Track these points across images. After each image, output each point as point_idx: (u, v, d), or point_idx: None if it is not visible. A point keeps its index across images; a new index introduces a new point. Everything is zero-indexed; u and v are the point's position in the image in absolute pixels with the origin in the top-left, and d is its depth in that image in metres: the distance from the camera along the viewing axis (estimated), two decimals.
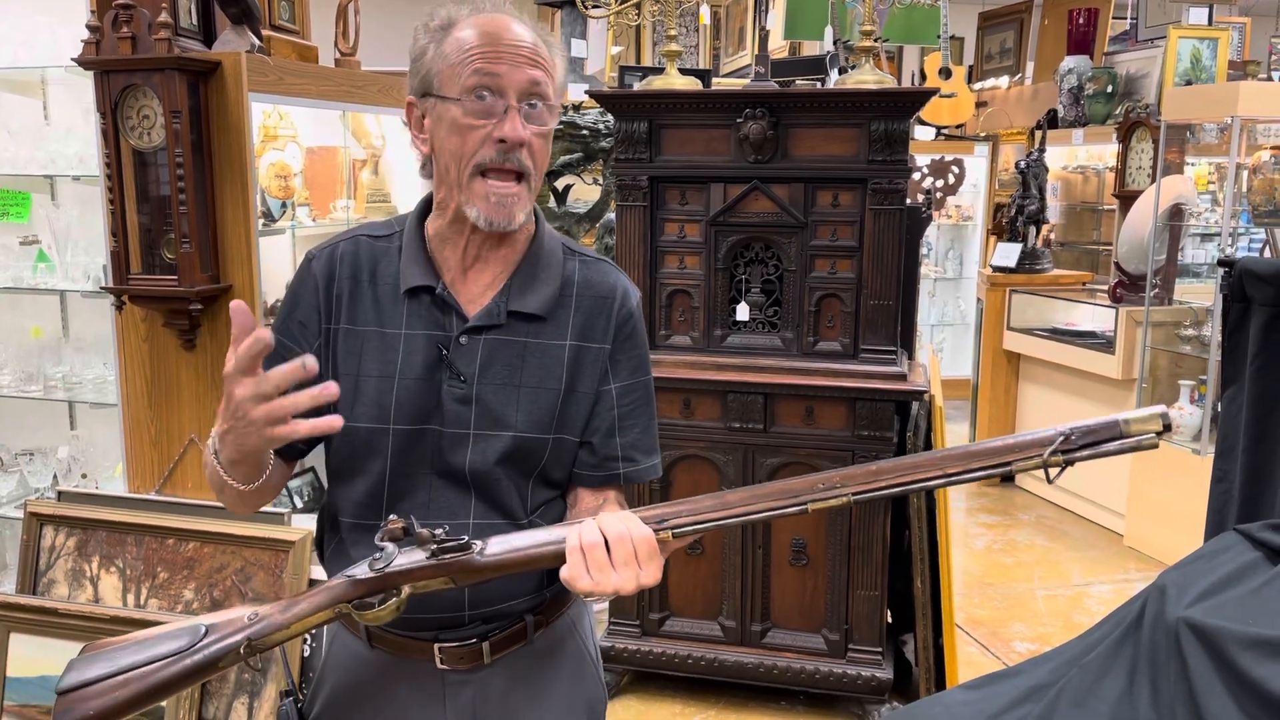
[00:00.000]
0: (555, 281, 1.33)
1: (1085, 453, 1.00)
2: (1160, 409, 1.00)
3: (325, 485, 1.41)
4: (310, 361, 1.09)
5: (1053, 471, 1.03)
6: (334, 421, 1.12)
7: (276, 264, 2.96)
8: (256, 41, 2.50)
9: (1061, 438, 1.00)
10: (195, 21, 2.56)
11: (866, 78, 2.84)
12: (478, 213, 1.24)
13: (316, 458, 3.42)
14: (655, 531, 1.13)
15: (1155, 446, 1.00)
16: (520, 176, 1.25)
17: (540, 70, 1.25)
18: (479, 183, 1.23)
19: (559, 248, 1.37)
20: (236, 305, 1.12)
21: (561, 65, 1.32)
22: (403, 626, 1.32)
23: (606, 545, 1.11)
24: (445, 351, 1.29)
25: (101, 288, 2.56)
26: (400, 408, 1.29)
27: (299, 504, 3.14)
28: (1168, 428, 0.99)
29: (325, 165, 3.03)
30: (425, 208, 1.36)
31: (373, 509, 1.32)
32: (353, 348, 1.31)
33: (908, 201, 2.87)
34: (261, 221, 2.64)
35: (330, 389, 1.12)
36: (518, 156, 1.23)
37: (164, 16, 2.30)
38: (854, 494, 1.08)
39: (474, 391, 1.29)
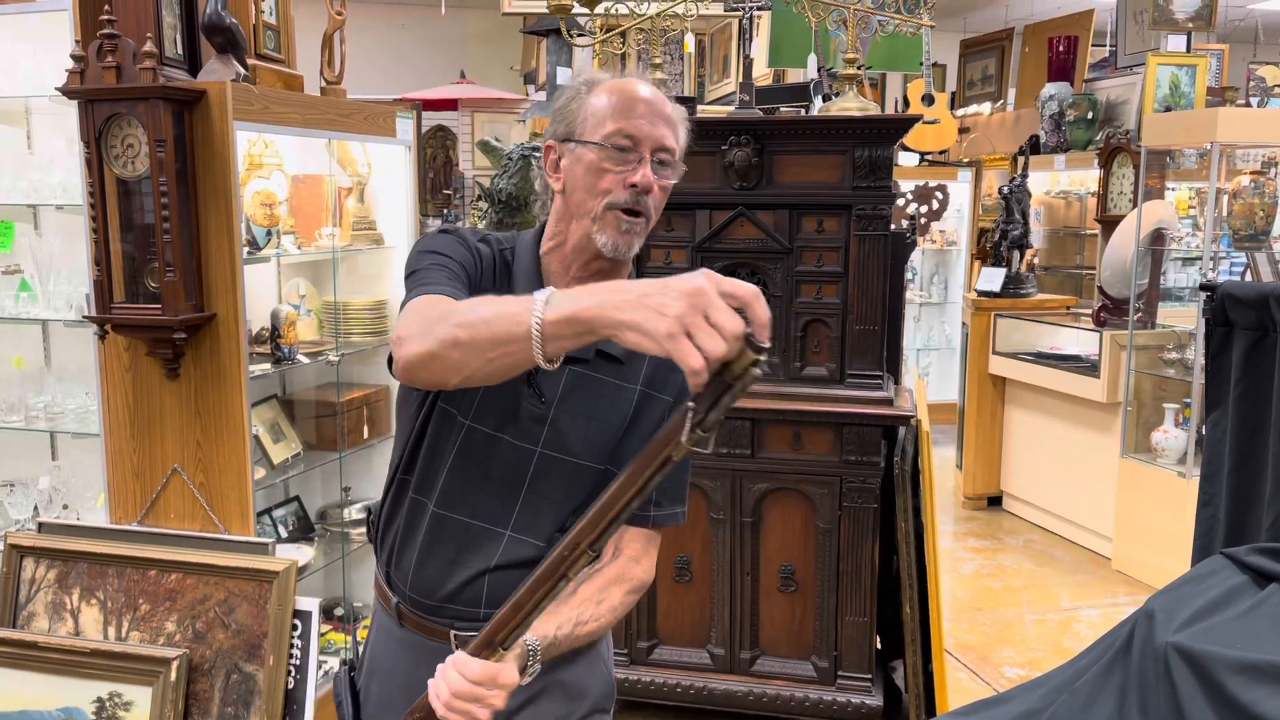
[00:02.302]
0: None
1: (713, 414, 0.99)
2: (744, 334, 0.94)
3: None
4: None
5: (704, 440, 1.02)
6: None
7: (261, 292, 2.95)
8: (242, 70, 2.50)
9: (692, 412, 0.99)
10: (180, 51, 2.56)
11: (850, 105, 2.86)
12: (606, 239, 1.37)
13: (301, 486, 3.38)
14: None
15: (759, 374, 0.96)
16: (644, 216, 1.39)
17: (670, 131, 1.40)
18: (613, 214, 1.37)
19: None
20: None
21: (684, 131, 1.45)
22: (425, 611, 1.44)
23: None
24: (534, 371, 1.35)
25: (84, 317, 2.55)
26: (480, 409, 1.40)
27: (283, 534, 3.11)
28: (758, 349, 0.95)
29: (311, 193, 3.03)
30: (538, 235, 1.48)
31: (428, 488, 1.44)
32: None
33: (892, 227, 2.88)
34: (246, 250, 2.63)
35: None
36: (644, 201, 1.38)
37: (149, 46, 2.30)
38: (590, 545, 1.11)
39: (550, 413, 1.40)
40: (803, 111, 3.88)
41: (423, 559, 1.44)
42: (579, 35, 3.05)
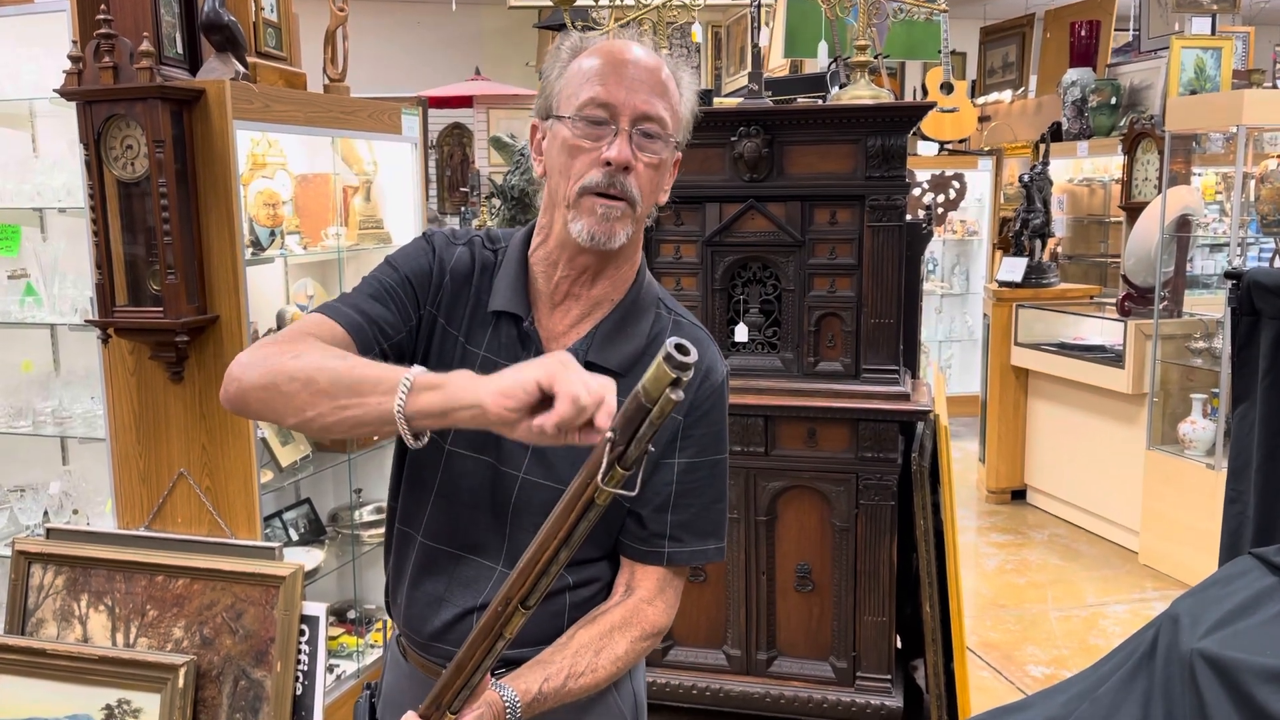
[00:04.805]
0: (641, 339, 1.28)
1: (635, 449, 0.89)
2: (663, 351, 0.86)
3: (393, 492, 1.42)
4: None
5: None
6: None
7: (266, 293, 2.92)
8: (241, 69, 2.47)
9: (610, 446, 0.91)
10: (181, 50, 2.53)
11: (862, 93, 2.79)
12: (581, 227, 1.20)
13: (311, 489, 3.36)
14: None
15: (680, 399, 0.87)
16: (626, 200, 1.22)
17: (657, 97, 1.22)
18: (587, 199, 1.20)
19: (655, 303, 1.33)
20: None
21: (688, 100, 1.28)
22: (417, 648, 1.35)
23: None
24: None
25: (86, 321, 2.53)
26: (460, 431, 1.26)
27: (294, 537, 3.09)
28: (681, 366, 0.85)
29: (316, 192, 3.00)
30: (529, 232, 1.33)
31: (413, 519, 1.33)
32: (445, 350, 1.28)
33: (907, 217, 2.81)
34: (250, 250, 2.60)
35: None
36: (622, 181, 1.20)
37: (145, 45, 2.27)
38: (522, 602, 1.01)
39: None
40: (820, 102, 3.81)
41: (412, 594, 1.34)
42: (586, 29, 2.99)
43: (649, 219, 1.33)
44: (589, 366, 1.23)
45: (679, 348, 0.86)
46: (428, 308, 1.29)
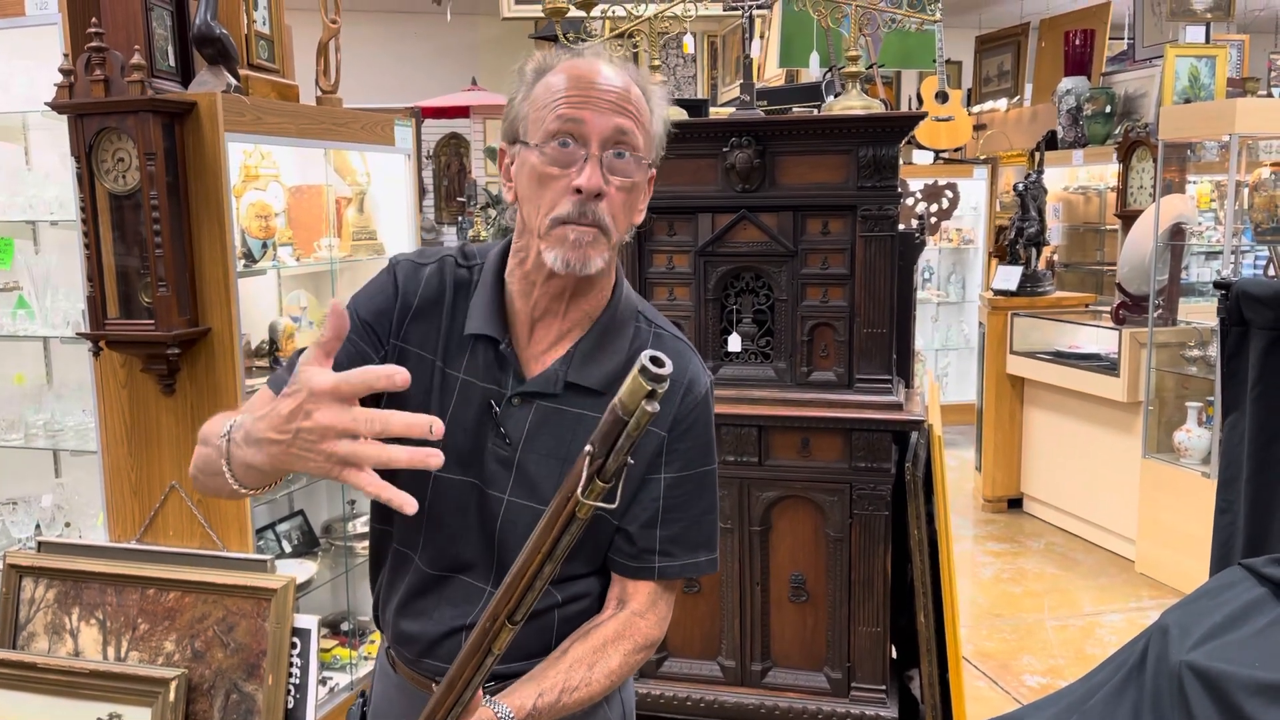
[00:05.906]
0: (621, 355, 1.27)
1: (613, 461, 0.89)
2: (639, 364, 0.85)
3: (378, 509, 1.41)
4: (437, 426, 0.93)
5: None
6: (408, 505, 0.95)
7: (258, 305, 2.92)
8: (233, 81, 2.47)
9: (589, 460, 0.90)
10: (173, 63, 2.54)
11: (853, 103, 2.80)
12: (555, 256, 1.17)
13: (305, 499, 3.35)
14: None
15: (655, 411, 0.86)
16: (598, 228, 1.19)
17: (628, 118, 1.19)
18: (559, 229, 1.18)
19: (634, 316, 1.31)
20: (336, 306, 0.98)
21: (660, 116, 1.26)
22: (406, 662, 1.35)
23: None
24: (496, 410, 1.24)
25: (78, 333, 2.52)
26: (447, 456, 1.25)
27: (288, 549, 3.08)
28: (656, 379, 0.85)
29: (309, 204, 3.00)
30: (504, 251, 1.30)
31: (411, 541, 1.33)
32: (420, 375, 1.25)
33: (900, 227, 2.81)
34: (242, 263, 2.60)
35: (434, 459, 0.94)
36: (594, 210, 1.17)
37: (137, 58, 2.27)
38: (509, 617, 1.00)
39: (516, 457, 1.25)
40: (814, 112, 3.82)
41: (402, 610, 1.34)
42: (577, 40, 3.00)
43: (627, 235, 1.31)
44: (569, 387, 1.24)
45: (654, 360, 0.86)
46: (391, 341, 1.28)
